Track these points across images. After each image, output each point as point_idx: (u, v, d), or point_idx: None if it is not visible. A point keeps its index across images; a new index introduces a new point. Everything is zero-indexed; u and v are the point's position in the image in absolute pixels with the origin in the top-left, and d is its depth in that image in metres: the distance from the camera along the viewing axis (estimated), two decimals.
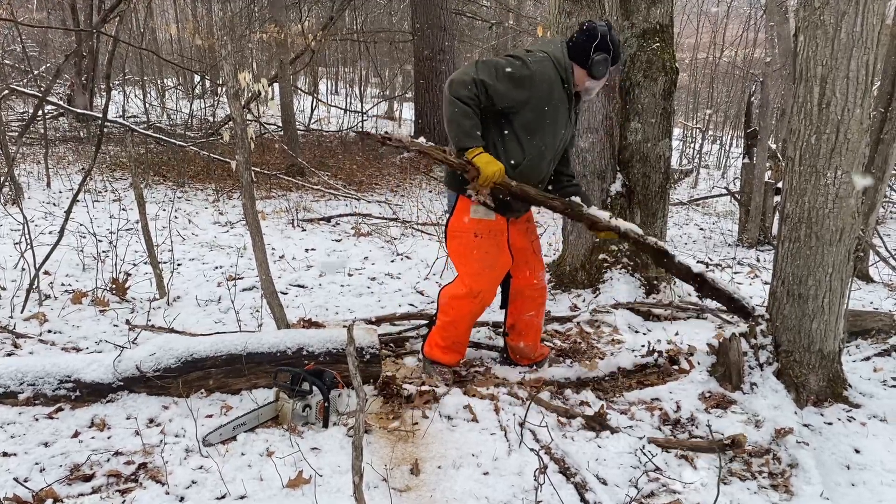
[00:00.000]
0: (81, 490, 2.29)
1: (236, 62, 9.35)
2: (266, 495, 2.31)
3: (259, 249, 3.41)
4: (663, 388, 3.21)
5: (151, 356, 2.92)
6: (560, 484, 2.45)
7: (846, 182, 2.89)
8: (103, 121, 4.71)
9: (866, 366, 3.74)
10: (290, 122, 9.68)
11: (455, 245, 3.27)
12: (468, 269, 3.24)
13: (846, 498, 2.52)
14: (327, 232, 6.80)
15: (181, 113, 12.87)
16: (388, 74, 18.68)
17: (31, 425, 2.67)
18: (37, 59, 13.20)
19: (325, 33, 10.94)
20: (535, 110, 3.03)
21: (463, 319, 3.31)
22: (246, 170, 3.30)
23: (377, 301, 4.64)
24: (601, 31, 3.02)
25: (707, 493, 2.44)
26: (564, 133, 3.21)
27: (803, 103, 2.94)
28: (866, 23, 2.74)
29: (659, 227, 4.72)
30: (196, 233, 6.31)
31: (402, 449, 2.67)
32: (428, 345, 3.42)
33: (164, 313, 4.08)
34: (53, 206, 6.74)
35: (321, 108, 15.19)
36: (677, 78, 4.62)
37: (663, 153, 4.59)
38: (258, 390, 3.01)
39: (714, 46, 17.64)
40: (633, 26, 4.53)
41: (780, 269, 3.16)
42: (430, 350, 3.41)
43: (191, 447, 2.56)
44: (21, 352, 3.43)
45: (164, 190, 8.05)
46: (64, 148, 9.89)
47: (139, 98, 13.35)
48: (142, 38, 13.56)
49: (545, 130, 3.10)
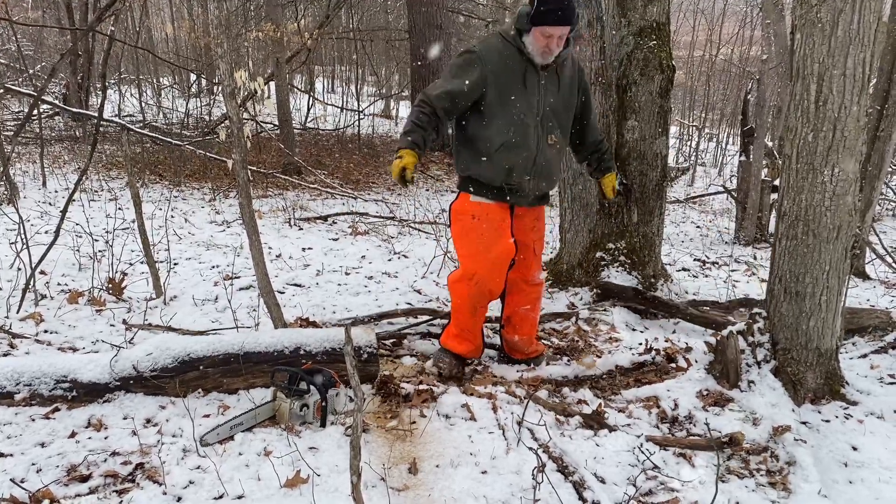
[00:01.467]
0: (78, 491, 2.28)
1: (232, 61, 9.35)
2: (264, 495, 2.31)
3: (256, 248, 3.40)
4: (661, 387, 3.21)
5: (148, 356, 2.91)
6: (558, 482, 2.45)
7: (843, 179, 2.90)
8: (99, 120, 4.69)
9: (863, 363, 3.75)
10: (286, 121, 9.67)
11: (455, 228, 3.35)
12: (464, 250, 3.30)
13: (844, 495, 2.52)
14: (324, 231, 6.80)
15: (177, 112, 12.84)
16: (384, 73, 18.66)
17: (27, 426, 2.66)
18: (32, 58, 13.16)
19: (322, 32, 10.92)
20: (497, 85, 3.11)
21: (463, 303, 3.35)
22: (242, 169, 3.29)
23: (374, 300, 4.63)
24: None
25: (705, 490, 2.44)
26: (542, 101, 3.18)
27: (800, 101, 2.94)
28: (863, 20, 2.74)
29: (656, 224, 4.72)
30: (192, 232, 6.29)
31: (400, 448, 2.66)
32: (444, 333, 3.52)
33: (161, 313, 4.07)
34: (49, 205, 6.71)
35: (318, 107, 15.17)
36: (674, 76, 4.62)
37: (660, 151, 4.58)
38: (255, 390, 3.00)
39: (710, 44, 17.65)
40: (629, 24, 4.52)
41: (778, 266, 3.16)
42: (444, 338, 3.51)
43: (188, 447, 2.55)
44: (17, 352, 3.41)
45: (161, 189, 8.03)
46: (60, 147, 9.86)
47: (135, 97, 13.32)
48: (137, 37, 13.53)
49: (516, 101, 3.13)
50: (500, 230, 3.24)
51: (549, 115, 3.22)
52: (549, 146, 3.25)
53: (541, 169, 3.24)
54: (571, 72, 3.30)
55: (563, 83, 3.26)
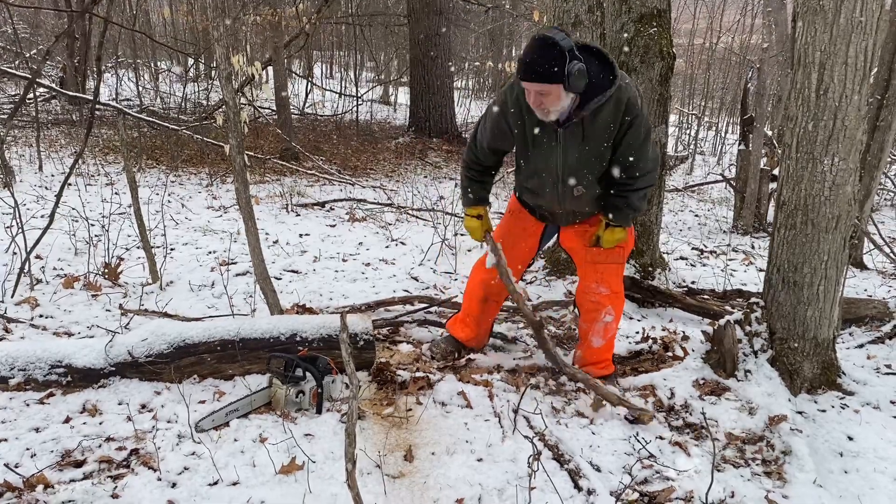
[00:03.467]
0: (73, 476, 2.28)
1: (230, 45, 9.28)
2: (259, 481, 2.30)
3: (252, 234, 3.38)
4: (658, 375, 3.22)
5: (143, 341, 2.90)
6: (554, 470, 2.45)
7: (843, 169, 2.88)
8: (94, 103, 4.66)
9: (860, 353, 3.75)
10: (284, 106, 9.61)
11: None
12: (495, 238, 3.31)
13: (839, 485, 2.53)
14: (321, 217, 6.77)
15: (174, 96, 12.76)
16: (383, 58, 18.55)
17: (21, 410, 2.65)
18: (28, 40, 13.06)
19: (320, 16, 10.83)
20: (517, 138, 2.93)
21: (475, 288, 3.38)
22: (239, 154, 3.26)
23: (371, 287, 4.62)
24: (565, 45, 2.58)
25: (700, 480, 2.45)
26: (560, 158, 2.86)
27: (801, 90, 2.92)
28: (866, 8, 2.72)
29: (654, 213, 4.70)
30: (189, 217, 6.26)
31: (396, 435, 2.66)
32: (452, 317, 3.57)
33: (157, 298, 4.06)
34: (45, 189, 6.68)
35: (316, 92, 15.08)
36: (674, 63, 4.59)
37: (659, 139, 4.56)
38: (251, 376, 3.00)
39: (711, 32, 17.56)
40: (630, 10, 4.48)
41: (776, 256, 3.15)
42: (450, 322, 3.58)
43: (183, 433, 2.55)
44: (12, 336, 3.40)
45: (157, 174, 7.98)
46: (56, 131, 9.79)
47: (132, 81, 13.23)
48: (134, 20, 13.42)
49: (531, 158, 2.94)
50: (526, 231, 3.25)
51: (572, 170, 2.89)
52: (575, 198, 2.97)
53: (569, 211, 3.08)
54: (609, 118, 2.76)
55: (590, 134, 2.80)
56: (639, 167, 2.88)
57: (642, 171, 2.89)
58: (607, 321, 3.13)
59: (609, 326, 3.15)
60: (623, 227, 3.02)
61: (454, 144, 11.98)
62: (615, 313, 3.14)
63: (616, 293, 3.13)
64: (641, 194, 2.97)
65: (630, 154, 2.84)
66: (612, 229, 3.02)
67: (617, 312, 3.16)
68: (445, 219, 6.37)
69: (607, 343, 3.21)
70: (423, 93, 12.12)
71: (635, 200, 2.96)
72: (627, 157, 2.85)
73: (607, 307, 3.11)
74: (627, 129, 2.77)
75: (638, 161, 2.86)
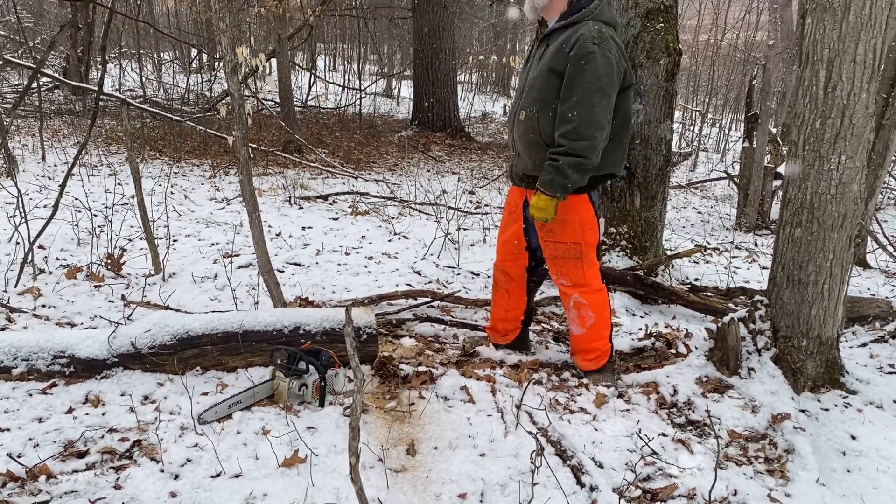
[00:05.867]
0: (75, 466, 2.28)
1: (234, 36, 9.25)
2: (261, 474, 2.30)
3: (255, 226, 3.38)
4: (660, 372, 3.21)
5: (147, 333, 2.90)
6: (557, 466, 2.45)
7: (850, 167, 2.87)
8: (98, 94, 4.64)
9: (863, 352, 3.74)
10: (287, 99, 9.59)
11: None
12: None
13: (842, 484, 2.53)
14: (324, 210, 6.76)
15: (178, 87, 12.74)
16: (387, 51, 18.50)
17: (24, 401, 2.65)
18: (32, 30, 13.04)
19: (324, 9, 10.79)
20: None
21: (494, 284, 3.44)
22: (243, 146, 3.25)
23: (374, 280, 4.61)
24: None
25: (703, 477, 2.44)
26: (528, 73, 2.96)
27: (809, 87, 2.90)
28: (875, 5, 2.70)
29: (658, 209, 4.69)
30: (192, 209, 6.26)
31: (399, 429, 2.66)
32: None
33: (160, 289, 4.06)
34: (48, 179, 6.67)
35: (319, 85, 15.06)
36: (680, 59, 4.57)
37: (664, 135, 4.55)
38: (254, 369, 3.00)
39: (716, 28, 17.50)
40: (637, 6, 4.46)
41: (781, 254, 3.14)
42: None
43: (186, 425, 2.55)
44: (15, 326, 3.40)
45: (161, 165, 7.98)
46: (59, 121, 9.78)
47: (136, 72, 13.20)
48: (138, 10, 13.38)
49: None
50: (514, 215, 3.25)
51: (525, 88, 2.96)
52: (519, 122, 2.96)
53: (515, 145, 3.07)
54: (562, 41, 2.78)
55: (547, 52, 2.85)
56: (564, 118, 2.74)
57: (567, 122, 2.73)
58: (579, 311, 3.11)
59: (583, 315, 3.11)
60: (547, 194, 2.82)
61: (457, 139, 11.96)
62: (586, 301, 3.08)
63: (580, 284, 3.08)
64: (573, 162, 2.75)
65: (562, 103, 2.75)
66: (538, 194, 2.86)
67: (590, 302, 3.09)
68: (448, 213, 6.36)
69: (588, 332, 3.14)
70: (426, 86, 12.10)
71: (565, 166, 2.75)
72: (560, 104, 2.76)
73: (573, 296, 3.09)
74: (566, 66, 2.73)
75: (564, 113, 2.74)
